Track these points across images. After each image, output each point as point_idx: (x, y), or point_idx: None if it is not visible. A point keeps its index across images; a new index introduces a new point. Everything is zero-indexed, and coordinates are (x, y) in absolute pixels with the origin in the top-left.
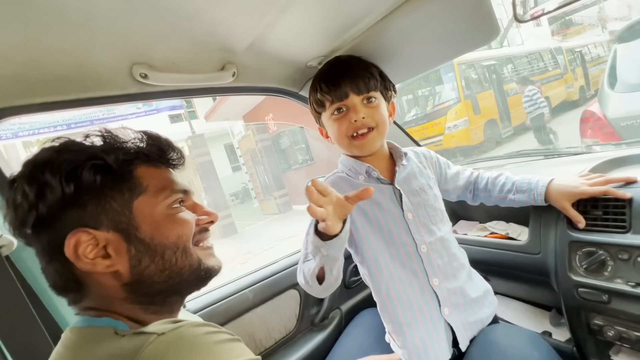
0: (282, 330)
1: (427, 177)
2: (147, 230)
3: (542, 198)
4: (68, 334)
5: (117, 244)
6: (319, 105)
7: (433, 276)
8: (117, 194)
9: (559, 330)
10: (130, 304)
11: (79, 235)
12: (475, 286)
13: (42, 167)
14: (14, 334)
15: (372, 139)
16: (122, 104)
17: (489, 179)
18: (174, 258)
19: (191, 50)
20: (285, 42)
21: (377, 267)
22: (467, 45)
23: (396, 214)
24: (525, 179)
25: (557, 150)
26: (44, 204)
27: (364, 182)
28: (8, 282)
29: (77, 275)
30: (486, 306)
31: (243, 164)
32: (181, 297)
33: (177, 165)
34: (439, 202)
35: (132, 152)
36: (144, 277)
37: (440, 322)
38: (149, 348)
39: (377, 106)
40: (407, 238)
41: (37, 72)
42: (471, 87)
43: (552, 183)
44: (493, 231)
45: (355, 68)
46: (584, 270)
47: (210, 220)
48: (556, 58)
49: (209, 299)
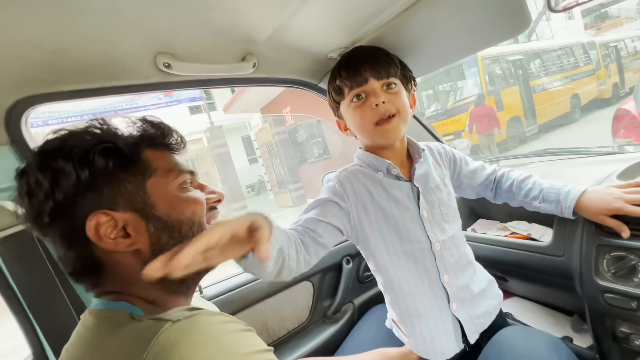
0: (294, 320)
1: (442, 174)
2: (163, 207)
3: (570, 212)
4: (87, 315)
5: (135, 224)
6: (338, 92)
7: (444, 273)
8: (130, 176)
9: (580, 336)
10: (150, 283)
11: (98, 217)
12: (479, 280)
13: (54, 154)
14: (44, 310)
15: (396, 124)
16: (145, 92)
17: (515, 180)
18: (190, 233)
19: (213, 40)
20: (306, 33)
21: (390, 263)
22: (496, 36)
23: (412, 211)
24: (554, 187)
25: (587, 150)
26: (59, 190)
27: (382, 178)
28: (39, 262)
29: (98, 257)
30: (491, 297)
31: (259, 156)
32: (197, 276)
33: (178, 149)
34: (452, 200)
35: (138, 136)
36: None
37: (449, 316)
38: (164, 334)
39: (398, 92)
40: (421, 236)
41: (66, 61)
42: (495, 83)
43: (584, 197)
44: (514, 231)
45: (375, 54)
46: (612, 275)
47: (218, 199)
48: (588, 53)
49: (224, 287)
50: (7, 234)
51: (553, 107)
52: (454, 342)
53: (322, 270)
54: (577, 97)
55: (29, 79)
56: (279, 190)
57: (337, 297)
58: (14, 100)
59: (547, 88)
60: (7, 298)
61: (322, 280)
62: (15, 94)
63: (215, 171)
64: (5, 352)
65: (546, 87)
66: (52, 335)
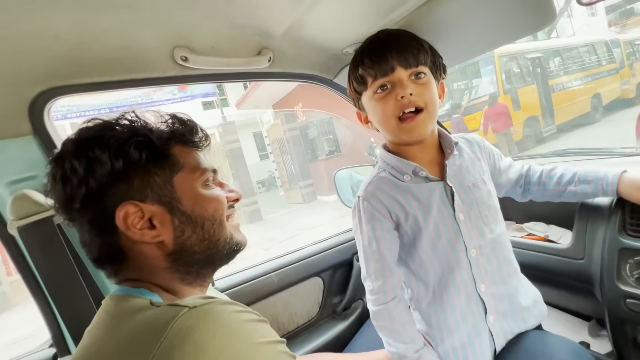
0: (304, 315)
1: (481, 170)
2: (188, 203)
3: (613, 188)
4: (108, 300)
5: (162, 216)
6: (360, 82)
7: (480, 282)
8: (160, 170)
9: (598, 342)
10: (169, 273)
11: (127, 207)
12: (525, 293)
13: (91, 143)
14: (63, 296)
15: (423, 121)
16: (162, 86)
17: (544, 171)
18: (212, 229)
19: (230, 34)
20: (322, 28)
21: (424, 272)
22: (519, 30)
23: (446, 215)
24: (589, 170)
25: (610, 150)
26: (94, 178)
27: (410, 183)
28: (60, 250)
29: (123, 246)
30: (534, 316)
31: (271, 153)
32: (213, 269)
33: (204, 146)
34: (493, 200)
35: (169, 132)
36: (186, 247)
37: (485, 330)
38: (180, 320)
39: (427, 83)
40: (457, 241)
41: (87, 54)
42: (512, 82)
43: (626, 174)
44: (531, 232)
45: (402, 39)
46: (636, 280)
47: (236, 197)
48: (612, 51)
49: (236, 280)
50: (29, 221)
51: (572, 106)
52: (485, 356)
53: (332, 266)
54: (598, 96)
55: (52, 71)
56: (289, 186)
57: (347, 293)
58: (38, 91)
59: (566, 87)
60: (28, 284)
61: (332, 277)
62: (39, 86)
63: (227, 166)
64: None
65: (566, 86)
66: (70, 321)
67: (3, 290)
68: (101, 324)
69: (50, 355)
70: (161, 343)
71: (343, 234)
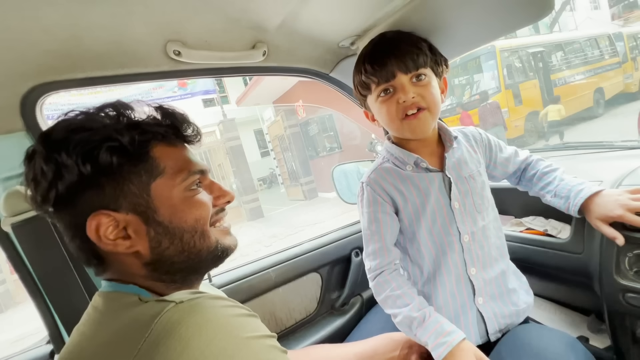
0: (302, 311)
1: (477, 162)
2: (166, 213)
3: (576, 210)
4: (97, 297)
5: (136, 226)
6: (364, 87)
7: (471, 265)
8: (135, 176)
9: (597, 336)
10: (151, 280)
11: (99, 218)
12: (513, 276)
13: (58, 147)
14: (58, 292)
15: (424, 119)
16: (156, 81)
17: (538, 172)
18: (192, 241)
19: (223, 27)
20: (317, 21)
21: (420, 256)
22: (518, 20)
23: (442, 203)
24: (569, 184)
25: (611, 144)
26: (62, 183)
27: (412, 173)
28: (54, 246)
29: (99, 252)
30: (522, 299)
31: (271, 150)
32: (201, 275)
33: (193, 141)
34: (486, 190)
35: (148, 132)
36: (164, 258)
37: (472, 310)
38: (166, 314)
39: (428, 84)
40: (451, 227)
41: (78, 48)
42: (514, 76)
43: (593, 198)
44: (529, 227)
45: (401, 44)
46: (634, 274)
47: (227, 200)
48: (615, 45)
49: (233, 276)
50: (23, 218)
51: (574, 101)
52: (472, 337)
53: (330, 262)
54: (600, 91)
55: (43, 66)
56: (290, 183)
57: (346, 289)
58: (29, 87)
59: (568, 82)
60: (24, 280)
61: (330, 272)
62: (30, 81)
63: (227, 164)
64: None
65: (568, 80)
66: (66, 317)
67: (7, 288)
68: (89, 320)
69: (47, 351)
70: (146, 338)
71: (341, 230)
